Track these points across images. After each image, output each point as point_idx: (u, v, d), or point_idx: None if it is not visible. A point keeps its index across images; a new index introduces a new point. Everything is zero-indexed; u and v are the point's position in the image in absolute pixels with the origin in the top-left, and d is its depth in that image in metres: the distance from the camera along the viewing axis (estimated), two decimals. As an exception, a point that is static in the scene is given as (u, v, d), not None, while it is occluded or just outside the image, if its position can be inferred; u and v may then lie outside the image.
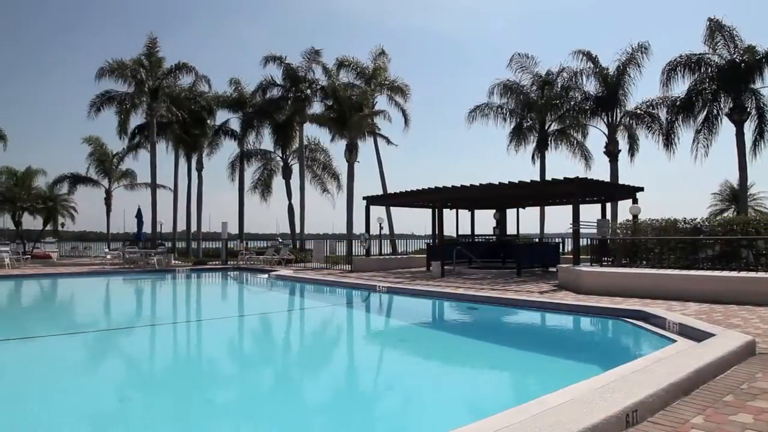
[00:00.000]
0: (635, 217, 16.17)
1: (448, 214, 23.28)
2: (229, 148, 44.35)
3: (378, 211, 32.01)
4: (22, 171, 34.82)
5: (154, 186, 30.67)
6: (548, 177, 26.59)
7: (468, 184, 17.63)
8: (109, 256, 26.86)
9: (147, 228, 28.88)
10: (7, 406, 5.67)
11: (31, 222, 36.26)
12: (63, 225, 37.25)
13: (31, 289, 18.31)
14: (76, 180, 36.89)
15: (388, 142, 35.39)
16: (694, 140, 23.56)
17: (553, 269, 17.43)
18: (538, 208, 26.87)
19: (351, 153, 30.00)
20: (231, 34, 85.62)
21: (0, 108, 78.13)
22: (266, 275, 20.27)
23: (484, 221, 40.69)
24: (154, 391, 6.54)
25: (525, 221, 38.05)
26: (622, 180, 23.79)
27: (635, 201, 17.63)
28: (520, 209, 23.64)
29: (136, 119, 33.02)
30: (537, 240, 25.77)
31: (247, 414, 5.65)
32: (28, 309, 15.06)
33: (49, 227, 36.20)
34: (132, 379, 7.17)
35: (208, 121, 34.41)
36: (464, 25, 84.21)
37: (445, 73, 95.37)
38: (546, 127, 28.64)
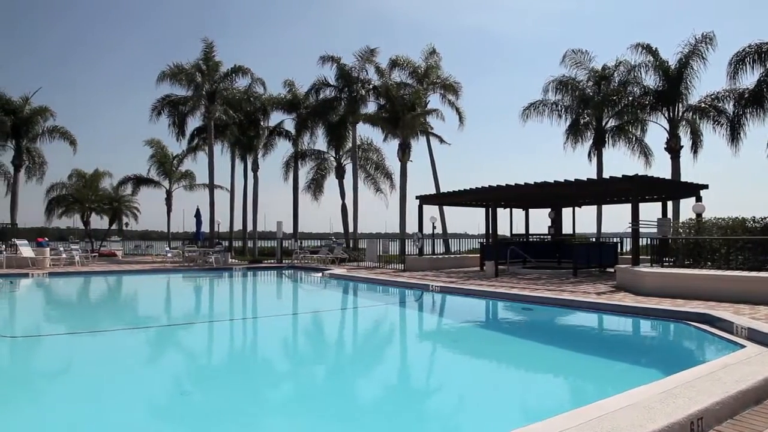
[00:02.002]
0: (699, 215, 15.52)
1: (502, 214, 23.00)
2: (282, 149, 45.30)
3: (431, 211, 31.99)
4: (90, 173, 36.71)
5: (212, 187, 31.63)
6: (605, 175, 25.90)
7: (522, 183, 17.35)
8: (169, 255, 27.94)
9: (205, 227, 29.83)
10: (81, 395, 6.02)
11: (98, 221, 38.32)
12: (127, 224, 39.07)
13: (99, 286, 19.26)
14: (139, 181, 38.59)
15: (441, 141, 35.36)
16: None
17: (611, 270, 16.95)
18: (595, 206, 26.19)
19: (404, 152, 30.07)
20: (275, 34, 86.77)
21: (65, 111, 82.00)
22: (320, 274, 20.55)
23: (539, 220, 39.99)
24: (219, 384, 6.76)
25: (581, 220, 37.12)
26: (685, 177, 22.89)
27: (699, 199, 16.89)
28: (576, 208, 23.09)
29: (194, 122, 34.17)
30: (594, 240, 25.11)
31: (306, 408, 5.76)
32: (98, 304, 15.87)
33: (114, 226, 38.01)
34: (196, 373, 7.44)
35: (263, 123, 35.26)
36: (513, 22, 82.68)
37: (497, 71, 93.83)
38: (603, 124, 27.83)
